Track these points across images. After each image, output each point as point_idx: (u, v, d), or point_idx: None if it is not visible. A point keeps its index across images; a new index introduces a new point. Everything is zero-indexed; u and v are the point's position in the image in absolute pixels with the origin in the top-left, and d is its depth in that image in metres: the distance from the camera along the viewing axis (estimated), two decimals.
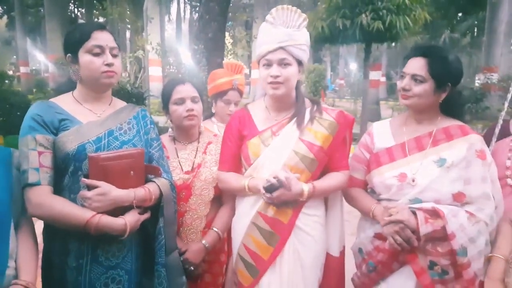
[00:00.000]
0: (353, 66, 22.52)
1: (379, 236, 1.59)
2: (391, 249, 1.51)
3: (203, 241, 1.71)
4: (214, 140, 1.87)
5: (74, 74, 1.46)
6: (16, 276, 1.26)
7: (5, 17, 26.30)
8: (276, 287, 1.58)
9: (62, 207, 1.31)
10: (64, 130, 1.38)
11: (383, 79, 19.50)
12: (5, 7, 24.90)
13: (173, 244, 1.55)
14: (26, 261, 1.30)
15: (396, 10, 6.49)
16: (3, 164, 1.33)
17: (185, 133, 1.83)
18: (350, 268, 1.78)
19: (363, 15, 6.37)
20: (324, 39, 7.26)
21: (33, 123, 1.35)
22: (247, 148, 1.63)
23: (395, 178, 1.57)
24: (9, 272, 1.24)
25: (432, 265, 1.46)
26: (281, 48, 1.55)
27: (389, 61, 23.11)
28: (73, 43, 1.43)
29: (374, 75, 11.79)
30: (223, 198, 1.81)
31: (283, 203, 1.54)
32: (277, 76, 1.55)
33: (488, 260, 1.50)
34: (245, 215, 1.63)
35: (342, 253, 1.76)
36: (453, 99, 1.57)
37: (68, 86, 1.53)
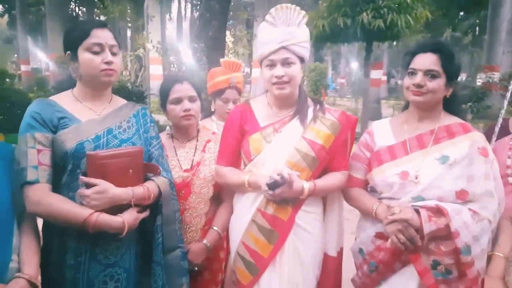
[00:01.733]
0: (355, 65, 22.49)
1: (380, 236, 1.57)
2: (393, 248, 1.49)
3: (204, 241, 1.71)
4: (213, 138, 1.87)
5: (74, 71, 1.46)
6: (19, 270, 1.27)
7: (6, 15, 26.34)
8: (276, 285, 1.57)
9: (61, 204, 1.32)
10: (63, 128, 1.38)
11: (384, 78, 19.48)
12: (6, 6, 24.91)
13: (173, 243, 1.54)
14: (29, 255, 1.31)
15: (397, 8, 6.51)
16: (4, 161, 1.34)
17: (183, 131, 1.84)
18: (350, 268, 1.78)
19: (364, 14, 6.38)
20: (325, 37, 7.28)
21: (32, 121, 1.35)
22: (248, 143, 1.63)
23: (397, 176, 1.56)
24: (12, 265, 1.26)
25: (435, 264, 1.45)
26: (284, 47, 1.55)
27: (391, 60, 23.09)
28: (72, 41, 1.43)
29: (375, 74, 11.78)
30: (222, 196, 1.81)
31: (283, 200, 1.55)
32: (282, 76, 1.55)
33: (489, 258, 1.50)
34: (245, 213, 1.63)
35: (340, 253, 1.76)
36: (455, 96, 1.58)
37: (68, 84, 1.53)
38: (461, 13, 18.58)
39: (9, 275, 1.24)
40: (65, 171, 1.38)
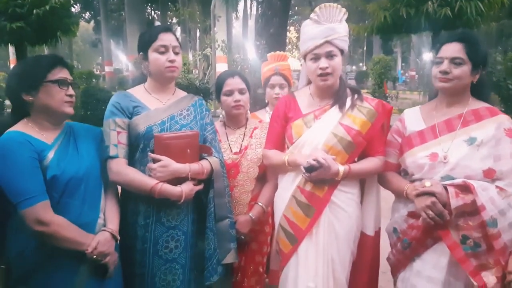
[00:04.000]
0: (427, 56, 21.15)
1: (412, 215, 1.67)
2: (424, 225, 1.59)
3: (250, 214, 1.95)
4: (259, 126, 2.10)
5: (145, 69, 1.79)
6: (104, 225, 1.58)
7: (92, 21, 29.17)
8: (313, 254, 1.74)
9: (134, 175, 1.64)
10: (137, 115, 1.70)
11: None
12: (92, 13, 27.63)
13: (223, 213, 1.79)
14: (111, 215, 1.63)
15: None
16: (96, 140, 1.68)
17: (233, 119, 2.09)
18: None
19: (429, 3, 6.09)
20: (388, 29, 7.07)
21: (113, 109, 1.70)
22: (291, 128, 1.81)
23: (426, 157, 1.65)
24: (100, 221, 1.57)
25: (464, 239, 1.52)
26: (327, 41, 1.71)
27: None
28: (144, 44, 1.75)
29: None
30: (267, 176, 2.03)
31: (320, 180, 1.71)
32: (326, 68, 1.71)
33: None
34: (286, 189, 1.82)
35: (377, 233, 1.87)
36: (483, 81, 1.65)
37: (141, 79, 1.87)
38: None
39: (97, 229, 1.56)
40: (138, 149, 1.70)
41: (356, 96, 1.81)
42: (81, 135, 1.64)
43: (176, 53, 1.75)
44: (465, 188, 1.52)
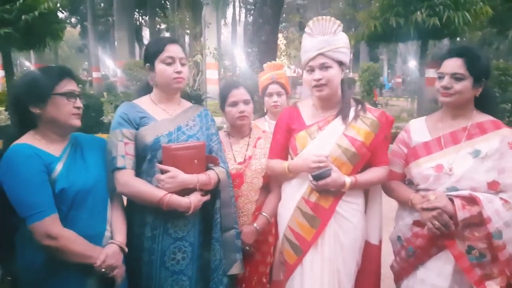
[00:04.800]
0: (412, 63, 21.59)
1: (417, 223, 1.70)
2: (429, 234, 1.62)
3: (255, 224, 1.95)
4: (263, 136, 2.12)
5: (151, 80, 1.79)
6: (111, 237, 1.58)
7: (78, 26, 28.85)
8: (318, 265, 1.74)
9: (142, 186, 1.63)
10: (144, 126, 1.70)
11: None
12: (78, 18, 27.34)
13: (229, 224, 1.79)
14: (118, 227, 1.62)
15: (453, 5, 6.27)
16: (102, 151, 1.67)
17: (238, 130, 2.10)
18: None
19: (418, 12, 6.24)
20: (377, 37, 7.21)
21: (121, 120, 1.69)
22: (295, 140, 1.83)
23: (432, 169, 1.69)
24: (107, 233, 1.57)
25: (470, 249, 1.56)
26: (321, 54, 1.74)
27: None
28: (150, 55, 1.75)
29: (432, 72, 11.29)
30: (270, 186, 2.04)
31: (325, 190, 1.72)
32: (319, 79, 1.73)
33: None
34: (290, 200, 1.83)
35: (380, 242, 1.90)
36: (487, 94, 1.69)
37: (146, 90, 1.86)
38: None
39: (104, 241, 1.55)
40: (145, 160, 1.69)
41: (359, 107, 1.83)
42: (87, 146, 1.63)
43: (183, 64, 1.76)
44: (471, 200, 1.55)
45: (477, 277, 1.56)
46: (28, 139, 1.47)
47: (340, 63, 1.78)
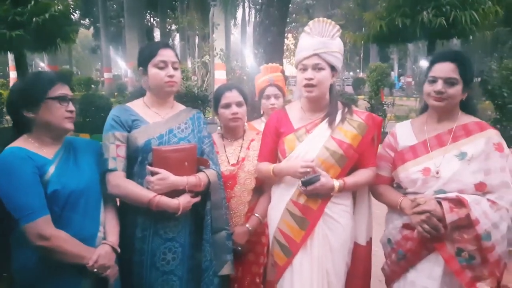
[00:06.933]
0: (423, 63, 21.34)
1: (407, 226, 1.70)
2: (419, 237, 1.62)
3: (247, 225, 1.98)
4: (256, 138, 2.14)
5: (144, 83, 1.83)
6: (104, 238, 1.61)
7: (91, 28, 29.30)
8: (307, 267, 1.76)
9: (132, 188, 1.67)
10: (136, 128, 1.74)
11: None
12: (91, 19, 27.76)
13: (220, 225, 1.82)
14: (111, 228, 1.66)
15: (461, 5, 6.18)
16: (96, 154, 1.72)
17: (231, 131, 2.13)
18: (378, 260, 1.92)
19: (424, 12, 6.18)
20: (384, 38, 7.15)
21: (113, 122, 1.73)
22: (283, 143, 1.85)
23: (419, 172, 1.69)
24: (100, 235, 1.60)
25: (459, 251, 1.56)
26: (316, 54, 1.75)
27: None
28: (144, 59, 1.79)
29: None
30: (263, 187, 2.07)
31: (314, 193, 1.74)
32: (311, 79, 1.75)
33: (510, 254, 1.57)
34: (280, 202, 1.85)
35: (369, 243, 1.90)
36: (470, 97, 1.71)
37: (140, 93, 1.91)
38: None
39: (97, 242, 1.59)
40: (136, 162, 1.73)
41: (346, 109, 1.84)
42: (81, 149, 1.68)
43: (175, 69, 1.79)
44: (458, 202, 1.55)
45: (468, 279, 1.56)
46: (22, 143, 1.53)
47: (332, 68, 1.79)
